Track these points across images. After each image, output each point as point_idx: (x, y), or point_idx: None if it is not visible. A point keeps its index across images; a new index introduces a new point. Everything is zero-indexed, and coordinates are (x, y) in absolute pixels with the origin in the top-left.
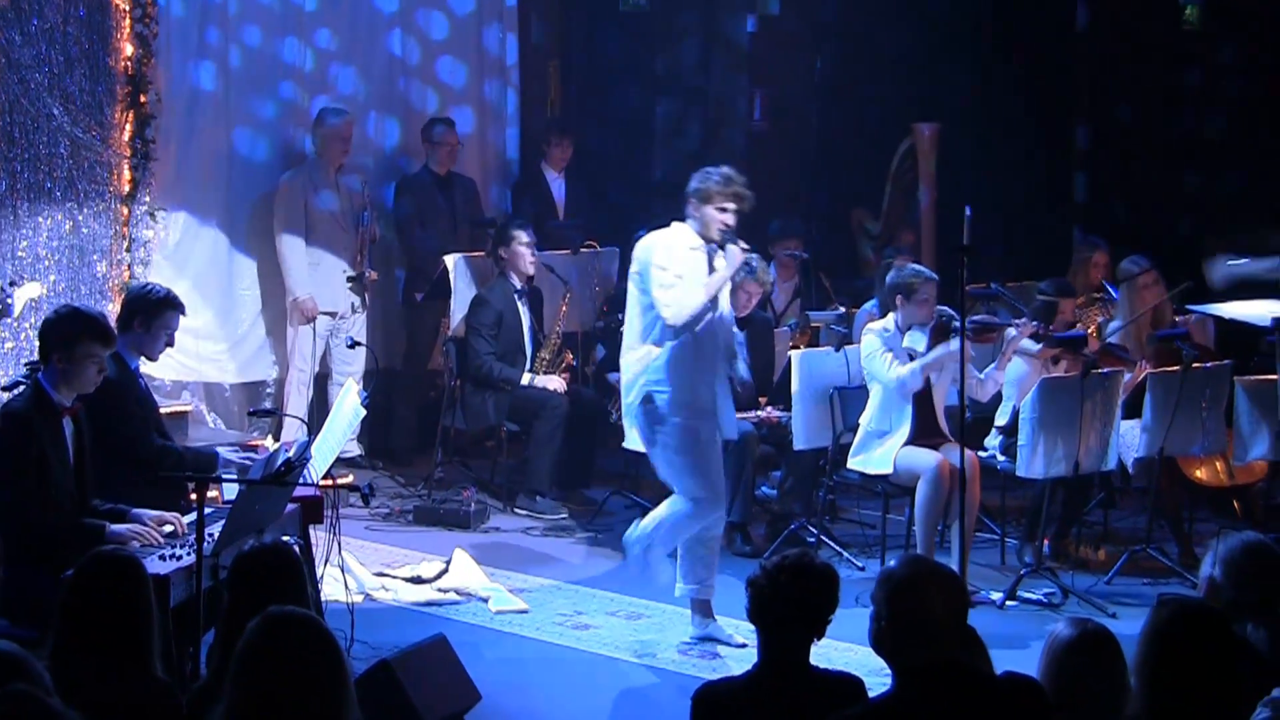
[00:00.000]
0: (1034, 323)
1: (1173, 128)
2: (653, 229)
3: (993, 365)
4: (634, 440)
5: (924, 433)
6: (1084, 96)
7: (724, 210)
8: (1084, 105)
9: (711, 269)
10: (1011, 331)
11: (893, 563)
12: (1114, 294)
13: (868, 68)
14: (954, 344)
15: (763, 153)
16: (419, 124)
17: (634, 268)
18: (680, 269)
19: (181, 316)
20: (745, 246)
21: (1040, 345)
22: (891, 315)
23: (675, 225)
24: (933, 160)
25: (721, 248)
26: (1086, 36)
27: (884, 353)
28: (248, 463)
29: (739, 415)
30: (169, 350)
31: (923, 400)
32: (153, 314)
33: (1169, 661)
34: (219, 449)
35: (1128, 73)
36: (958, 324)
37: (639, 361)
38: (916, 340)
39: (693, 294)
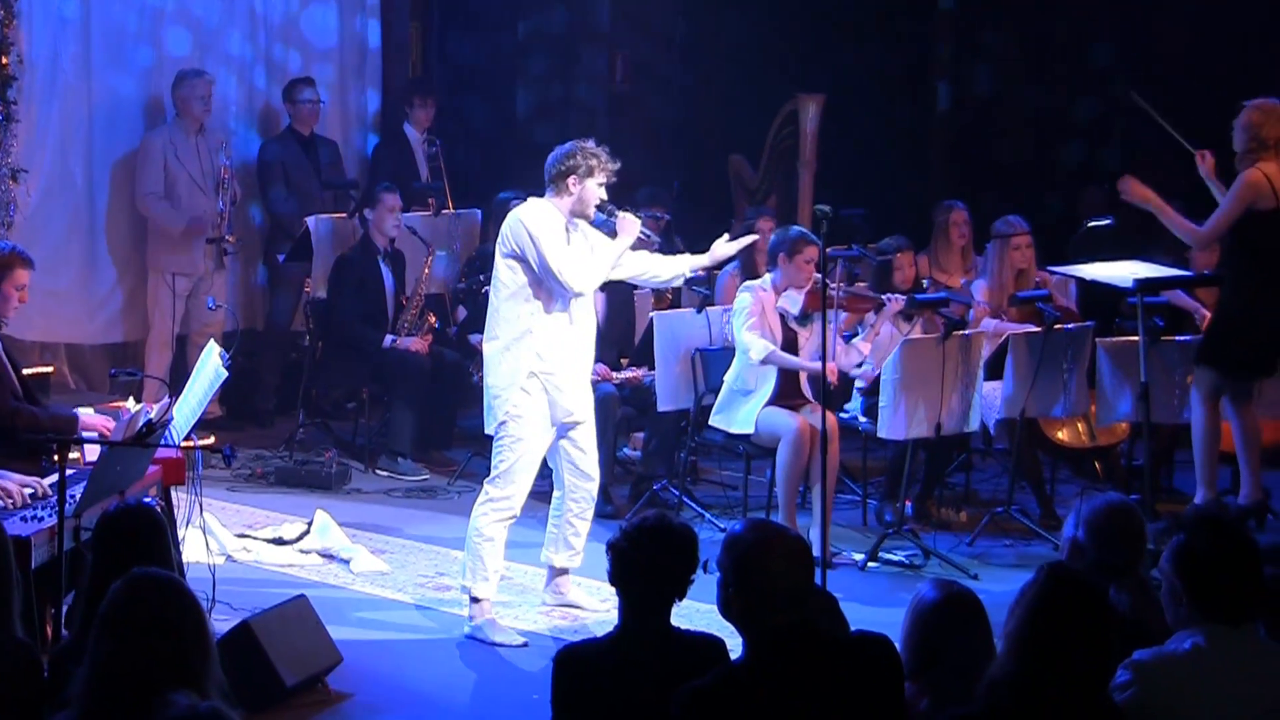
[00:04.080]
0: (902, 298)
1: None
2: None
3: (859, 335)
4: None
5: (786, 394)
6: (947, 62)
7: (603, 185)
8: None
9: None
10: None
11: (737, 527)
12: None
13: (729, 31)
14: (815, 365)
15: (624, 115)
16: (280, 75)
17: (502, 247)
18: (561, 241)
19: (31, 271)
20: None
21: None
22: (769, 274)
23: (537, 202)
24: (815, 131)
25: (607, 215)
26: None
27: (749, 316)
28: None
29: (601, 376)
30: (31, 313)
31: None
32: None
33: (1047, 629)
34: (79, 410)
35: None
36: (833, 290)
37: (518, 340)
38: (791, 301)
39: (595, 261)
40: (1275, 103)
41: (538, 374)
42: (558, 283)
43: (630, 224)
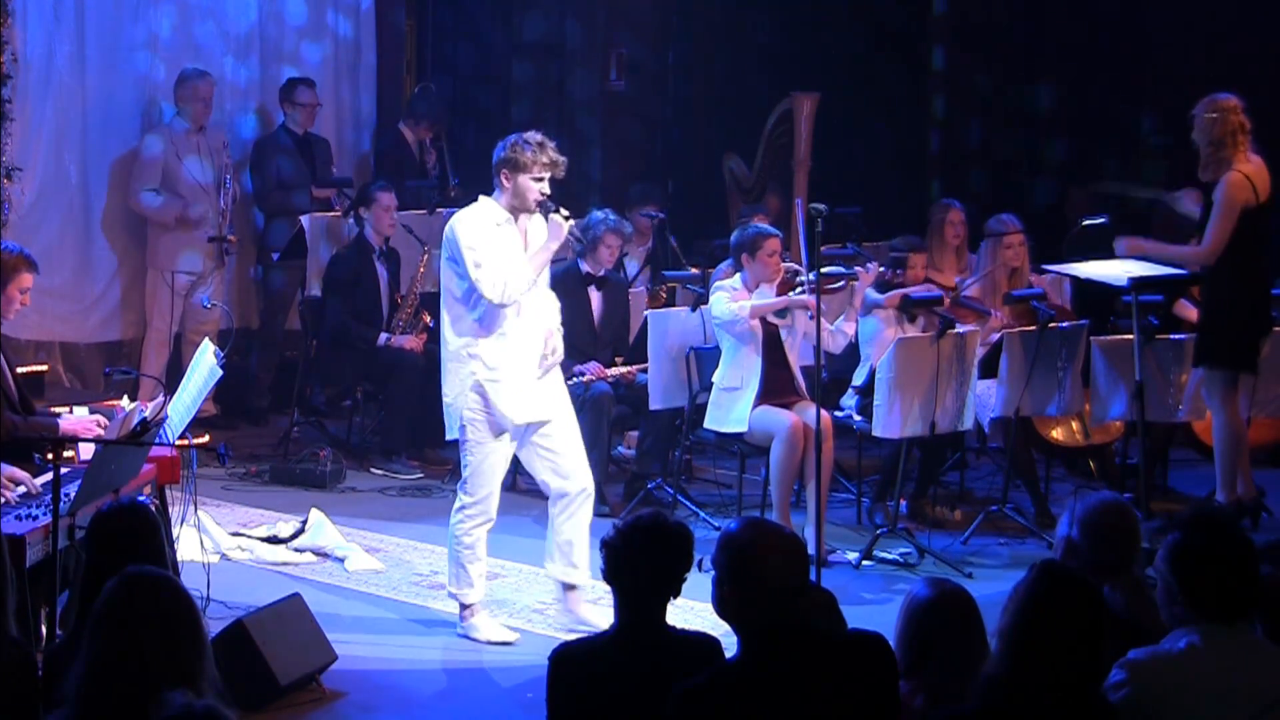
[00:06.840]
0: (879, 267)
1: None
2: None
3: (841, 317)
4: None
5: (778, 392)
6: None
7: (539, 180)
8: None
9: (526, 242)
10: (858, 282)
11: (732, 525)
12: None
13: (724, 28)
14: (796, 295)
15: (619, 113)
16: (274, 70)
17: (444, 253)
18: (489, 248)
19: (35, 275)
20: (567, 214)
21: (886, 294)
22: (737, 275)
23: (482, 200)
24: (810, 129)
25: (545, 217)
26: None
27: (727, 299)
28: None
29: (595, 375)
30: (26, 311)
31: (775, 358)
32: (5, 275)
33: (1040, 627)
34: (61, 419)
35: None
36: (803, 278)
37: (463, 349)
38: (764, 297)
39: (516, 270)
40: (1217, 98)
41: (483, 383)
42: (479, 294)
43: (558, 228)
